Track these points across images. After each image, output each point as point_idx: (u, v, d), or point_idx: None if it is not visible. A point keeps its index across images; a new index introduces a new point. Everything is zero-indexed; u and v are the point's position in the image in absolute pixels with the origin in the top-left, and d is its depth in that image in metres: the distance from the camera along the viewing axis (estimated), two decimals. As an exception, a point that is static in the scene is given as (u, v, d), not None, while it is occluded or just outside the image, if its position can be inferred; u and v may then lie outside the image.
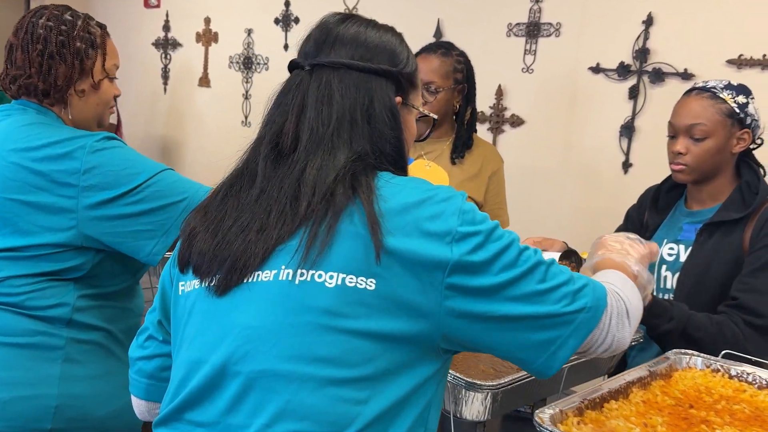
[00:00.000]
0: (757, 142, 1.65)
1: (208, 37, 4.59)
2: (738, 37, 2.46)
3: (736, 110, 1.59)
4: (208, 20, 4.58)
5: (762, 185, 1.61)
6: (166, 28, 4.89)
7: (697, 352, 1.41)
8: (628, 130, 2.76)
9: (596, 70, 2.83)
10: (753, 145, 1.65)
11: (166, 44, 4.90)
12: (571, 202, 2.93)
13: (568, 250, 1.53)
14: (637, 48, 2.71)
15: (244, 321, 0.89)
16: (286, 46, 4.09)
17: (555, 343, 0.92)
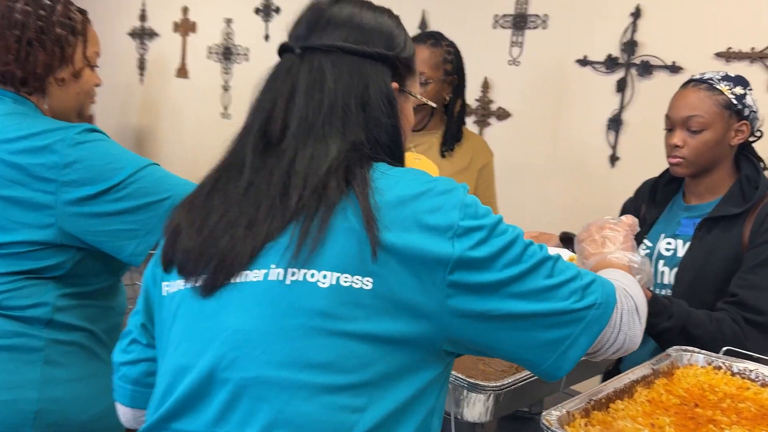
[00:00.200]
0: (756, 134, 1.63)
1: (185, 27, 4.50)
2: (726, 30, 2.45)
3: (734, 102, 1.57)
4: (185, 9, 4.48)
5: (762, 179, 1.59)
6: (143, 18, 4.79)
7: (698, 349, 1.39)
8: (615, 124, 2.74)
9: (583, 62, 2.81)
10: (752, 138, 1.63)
11: (142, 34, 4.79)
12: (557, 195, 2.91)
13: (567, 236, 1.50)
14: (624, 40, 2.69)
15: (232, 325, 0.84)
16: (267, 37, 4.01)
17: (565, 342, 0.87)
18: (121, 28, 4.88)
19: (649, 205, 1.76)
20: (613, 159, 2.77)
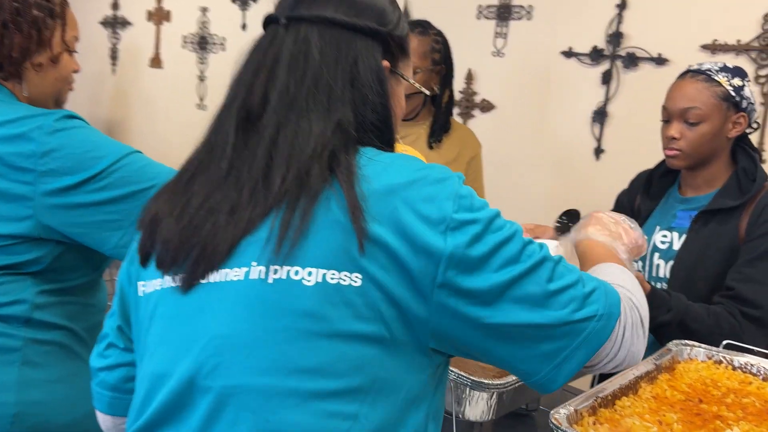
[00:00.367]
0: (753, 126, 1.62)
1: (159, 16, 4.38)
2: (712, 22, 2.44)
3: (732, 93, 1.55)
4: (159, -2, 4.37)
5: (759, 171, 1.57)
6: (115, 6, 4.66)
7: (699, 344, 1.37)
8: (600, 116, 2.73)
9: (568, 54, 2.78)
10: (749, 130, 1.61)
11: (114, 23, 4.67)
12: (542, 188, 2.89)
13: (571, 211, 1.47)
14: (610, 32, 2.67)
15: (213, 328, 0.78)
16: (244, 26, 3.93)
17: (560, 354, 0.80)
18: (93, 17, 4.74)
19: (644, 197, 1.73)
20: (598, 152, 2.75)
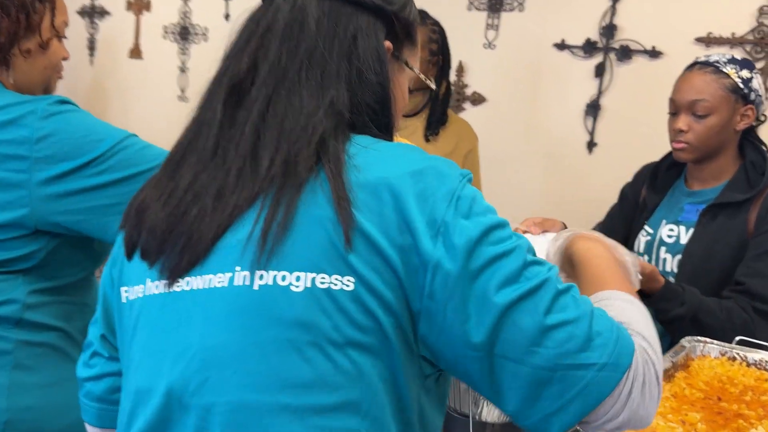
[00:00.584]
0: (761, 118, 1.60)
1: (139, 5, 4.27)
2: (707, 15, 2.43)
3: (740, 85, 1.53)
4: (139, -13, 4.26)
5: None
6: (92, -5, 4.54)
7: (711, 340, 1.35)
8: (593, 109, 2.70)
9: (561, 46, 2.75)
10: (756, 122, 1.59)
11: (92, 12, 4.54)
12: (533, 182, 2.86)
13: None
14: (603, 24, 2.65)
15: (198, 340, 0.72)
16: (228, 16, 3.84)
17: (551, 404, 0.68)
18: (70, 6, 4.58)
19: (650, 190, 1.71)
20: (591, 145, 2.73)
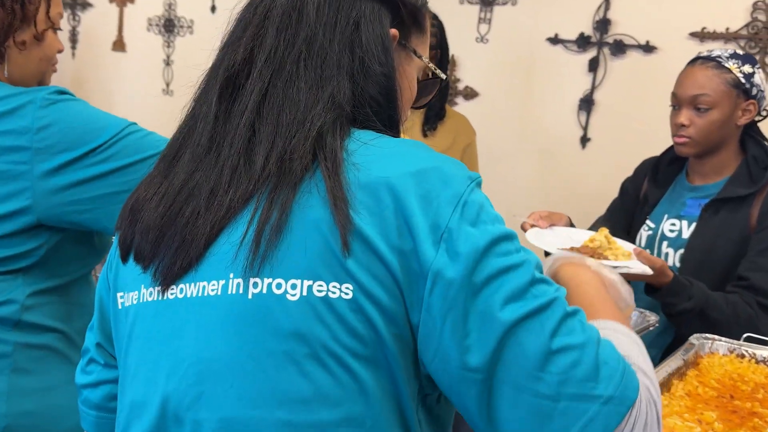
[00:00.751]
0: (762, 113, 1.60)
1: (123, -3, 4.20)
2: (701, 10, 2.43)
3: (742, 80, 1.53)
4: (122, -22, 4.19)
5: None
6: (74, -14, 4.45)
7: (719, 337, 1.35)
8: (587, 104, 2.69)
9: (554, 41, 2.74)
10: (758, 117, 1.60)
11: (74, 4, 4.46)
12: (526, 178, 2.85)
13: None
14: (597, 19, 2.64)
15: (193, 352, 0.68)
16: (214, 8, 3.78)
17: None
18: (50, -3, 4.52)
19: (652, 184, 1.71)
20: (584, 140, 2.72)
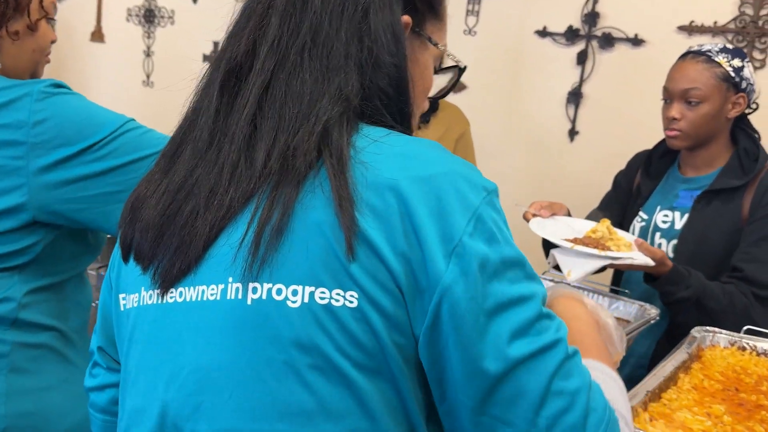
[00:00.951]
0: (752, 107, 1.63)
1: (101, -14, 4.12)
2: (689, 4, 2.44)
3: (732, 74, 1.56)
4: (100, -33, 4.10)
5: (761, 151, 1.60)
6: (49, -25, 4.36)
7: (719, 329, 1.36)
8: (575, 97, 2.70)
9: (543, 33, 2.74)
10: (748, 110, 1.63)
11: (49, -8, 4.37)
12: (514, 171, 2.85)
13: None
14: (586, 12, 2.64)
15: (192, 359, 0.66)
16: (196, -1, 3.73)
17: None
18: (25, -14, 4.42)
19: (644, 177, 1.74)
20: (573, 133, 2.73)
